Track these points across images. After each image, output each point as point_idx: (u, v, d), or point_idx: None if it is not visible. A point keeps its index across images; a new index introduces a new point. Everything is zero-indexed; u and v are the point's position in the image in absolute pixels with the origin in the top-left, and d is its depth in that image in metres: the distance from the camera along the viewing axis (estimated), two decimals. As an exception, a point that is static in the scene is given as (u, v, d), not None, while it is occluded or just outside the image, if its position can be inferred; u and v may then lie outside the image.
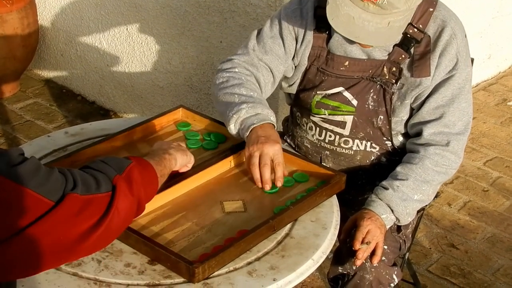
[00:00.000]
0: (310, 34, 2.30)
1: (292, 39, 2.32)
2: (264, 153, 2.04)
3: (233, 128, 2.15)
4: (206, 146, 2.28)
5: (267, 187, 2.06)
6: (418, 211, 2.42)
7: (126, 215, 1.57)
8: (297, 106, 2.44)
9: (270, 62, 2.31)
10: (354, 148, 2.36)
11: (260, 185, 2.07)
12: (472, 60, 2.49)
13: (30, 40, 4.34)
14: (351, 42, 2.23)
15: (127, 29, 4.01)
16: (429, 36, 2.22)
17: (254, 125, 2.09)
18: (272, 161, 2.05)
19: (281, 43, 2.32)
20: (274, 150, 2.05)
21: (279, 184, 2.06)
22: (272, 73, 2.32)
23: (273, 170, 2.07)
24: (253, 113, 2.12)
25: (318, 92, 2.32)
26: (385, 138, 2.33)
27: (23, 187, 1.40)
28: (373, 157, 2.37)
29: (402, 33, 2.20)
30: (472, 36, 4.41)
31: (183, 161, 1.96)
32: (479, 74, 4.79)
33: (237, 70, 2.28)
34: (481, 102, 4.67)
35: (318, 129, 2.38)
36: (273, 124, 2.13)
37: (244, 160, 2.14)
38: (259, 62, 2.30)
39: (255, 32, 2.37)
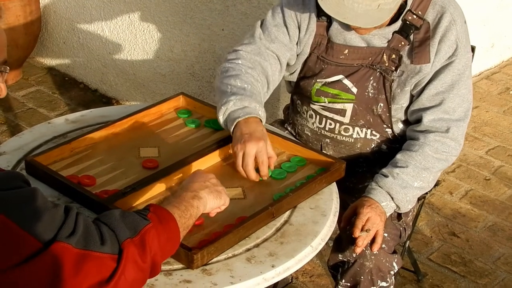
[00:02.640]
0: (314, 23, 2.29)
1: (295, 27, 2.31)
2: (246, 153, 2.01)
3: (221, 120, 2.13)
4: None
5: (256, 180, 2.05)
6: (418, 199, 2.42)
7: (134, 283, 1.42)
8: (298, 94, 2.44)
9: (277, 50, 2.29)
10: (354, 136, 2.35)
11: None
12: (474, 48, 2.49)
13: (33, 28, 4.34)
14: (349, 29, 2.23)
15: (129, 16, 4.01)
16: (429, 22, 2.21)
17: (239, 119, 2.06)
18: (256, 159, 2.03)
19: (286, 31, 2.30)
20: (257, 148, 2.01)
21: (264, 178, 2.05)
22: (279, 61, 2.30)
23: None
24: (240, 106, 2.09)
25: (318, 80, 2.32)
26: (385, 126, 2.33)
27: (2, 216, 1.28)
28: (373, 145, 2.37)
29: (402, 20, 2.20)
30: (475, 24, 4.41)
31: (214, 204, 1.72)
32: (482, 63, 4.78)
33: (239, 62, 2.25)
34: (484, 91, 4.65)
35: (318, 117, 2.37)
36: (259, 119, 2.10)
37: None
38: (266, 50, 2.28)
39: (259, 22, 2.35)
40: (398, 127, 2.35)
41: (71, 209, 1.39)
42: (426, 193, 2.43)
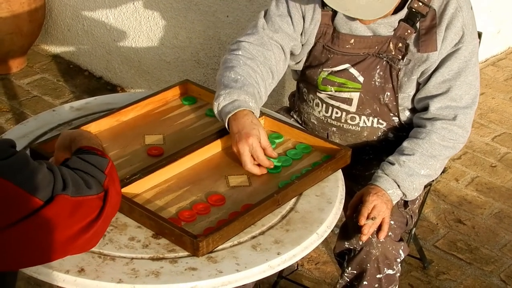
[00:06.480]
0: (318, 13, 2.27)
1: (300, 17, 2.28)
2: (241, 153, 2.02)
3: (217, 116, 2.12)
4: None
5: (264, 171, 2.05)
6: (425, 186, 2.41)
7: (113, 213, 1.63)
8: (304, 82, 2.43)
9: (281, 39, 2.27)
10: (361, 125, 2.34)
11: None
12: (480, 34, 2.47)
13: (37, 15, 4.32)
14: (354, 18, 2.21)
15: (133, 3, 3.99)
16: (435, 9, 2.19)
17: (230, 114, 2.05)
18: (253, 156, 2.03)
19: (290, 21, 2.28)
20: (248, 147, 2.01)
21: (271, 167, 2.04)
22: (283, 50, 2.29)
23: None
24: (230, 100, 2.08)
25: (324, 69, 2.31)
26: (392, 114, 2.32)
27: (7, 182, 1.41)
28: (380, 133, 2.36)
29: (407, 8, 2.18)
30: (481, 11, 4.38)
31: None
32: (488, 49, 4.75)
33: (239, 53, 2.22)
34: (490, 78, 4.63)
35: (324, 105, 2.36)
36: (249, 110, 2.07)
37: None
38: (270, 40, 2.26)
39: (262, 12, 2.33)
40: (405, 115, 2.33)
41: (50, 165, 1.52)
42: (432, 180, 2.42)
